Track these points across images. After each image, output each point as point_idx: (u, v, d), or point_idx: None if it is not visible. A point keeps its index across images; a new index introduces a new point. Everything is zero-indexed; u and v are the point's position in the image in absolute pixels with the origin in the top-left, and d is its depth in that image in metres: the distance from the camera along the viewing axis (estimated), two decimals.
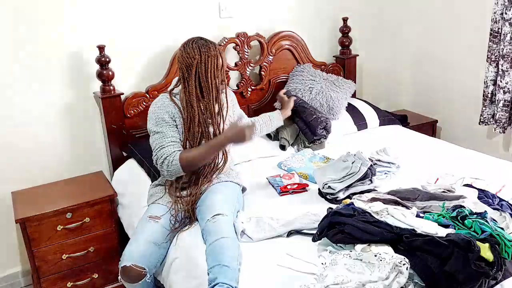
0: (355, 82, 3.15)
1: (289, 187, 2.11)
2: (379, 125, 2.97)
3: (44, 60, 2.35)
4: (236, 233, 1.71)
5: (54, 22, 2.33)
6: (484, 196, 1.83)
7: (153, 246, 1.72)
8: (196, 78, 1.87)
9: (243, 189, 2.09)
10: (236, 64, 2.82)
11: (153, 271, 1.74)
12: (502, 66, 2.75)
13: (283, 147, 2.57)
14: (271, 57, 2.93)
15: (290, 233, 1.74)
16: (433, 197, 1.81)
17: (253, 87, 2.91)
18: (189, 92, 1.87)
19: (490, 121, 2.95)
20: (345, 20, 3.13)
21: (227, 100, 2.01)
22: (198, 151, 1.87)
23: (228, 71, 2.79)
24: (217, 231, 1.64)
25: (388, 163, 2.25)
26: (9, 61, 2.27)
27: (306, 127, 2.62)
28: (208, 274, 1.53)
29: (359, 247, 1.50)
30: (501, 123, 2.84)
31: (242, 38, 2.79)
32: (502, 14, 2.70)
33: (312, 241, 1.67)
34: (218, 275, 1.48)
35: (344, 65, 3.22)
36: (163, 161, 1.85)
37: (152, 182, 2.11)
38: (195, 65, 1.84)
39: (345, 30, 3.15)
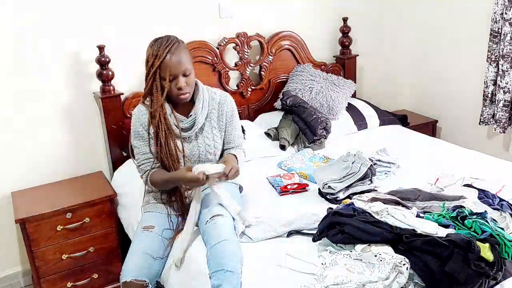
0: (355, 82, 3.15)
1: (289, 187, 2.11)
2: (379, 125, 2.97)
3: (44, 60, 2.35)
4: (236, 233, 1.71)
5: (54, 22, 2.33)
6: (484, 196, 1.83)
7: (151, 257, 1.69)
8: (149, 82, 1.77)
9: (240, 188, 2.09)
10: (236, 64, 2.82)
11: (155, 280, 1.72)
12: (502, 66, 2.75)
13: (283, 147, 2.57)
14: (271, 57, 2.93)
15: (290, 233, 1.74)
16: (434, 197, 1.81)
17: (253, 87, 2.92)
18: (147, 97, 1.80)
19: (490, 121, 2.95)
20: (345, 20, 3.13)
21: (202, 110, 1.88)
22: (164, 177, 1.81)
23: (228, 71, 2.79)
24: (218, 233, 1.62)
25: (388, 163, 2.25)
26: (9, 61, 2.27)
27: (306, 127, 2.62)
28: (210, 278, 1.51)
29: (359, 247, 1.50)
30: (501, 123, 2.84)
31: (242, 38, 2.79)
32: (502, 14, 2.70)
33: (312, 241, 1.67)
34: (222, 281, 1.46)
35: (344, 65, 3.22)
36: (142, 177, 1.90)
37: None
38: (156, 58, 1.72)
39: (345, 30, 3.15)
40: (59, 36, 2.36)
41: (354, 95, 3.14)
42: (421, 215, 1.64)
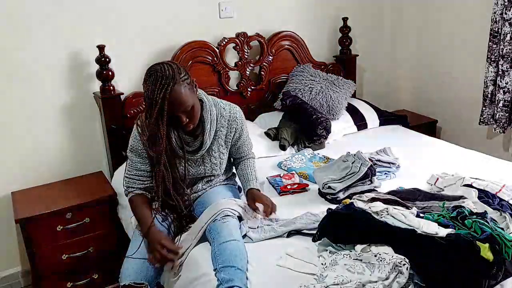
0: (355, 82, 3.15)
1: (289, 187, 2.11)
2: (379, 125, 2.97)
3: (44, 60, 2.35)
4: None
5: (54, 22, 2.33)
6: (484, 196, 1.82)
7: None
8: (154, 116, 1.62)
9: (240, 189, 2.08)
10: (236, 64, 2.82)
11: (155, 282, 1.71)
12: (502, 66, 2.75)
13: (283, 147, 2.57)
14: (271, 57, 2.93)
15: (290, 233, 1.74)
16: (433, 197, 1.81)
17: (253, 87, 2.92)
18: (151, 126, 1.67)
19: (490, 121, 2.95)
20: (345, 20, 3.13)
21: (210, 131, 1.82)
22: (137, 215, 1.78)
23: (228, 71, 2.79)
24: (228, 232, 1.62)
25: (388, 163, 2.25)
26: (9, 61, 2.27)
27: (306, 127, 2.62)
28: (218, 272, 1.51)
29: (359, 247, 1.50)
30: (501, 123, 2.84)
31: (242, 38, 2.79)
32: (502, 14, 2.70)
33: (312, 241, 1.67)
34: (233, 277, 1.47)
35: (344, 65, 3.22)
36: (124, 188, 1.84)
37: None
38: (153, 104, 1.60)
39: (345, 30, 3.15)
40: (59, 36, 2.36)
41: (354, 95, 3.14)
42: (421, 215, 1.64)
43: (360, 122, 2.91)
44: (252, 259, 1.61)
